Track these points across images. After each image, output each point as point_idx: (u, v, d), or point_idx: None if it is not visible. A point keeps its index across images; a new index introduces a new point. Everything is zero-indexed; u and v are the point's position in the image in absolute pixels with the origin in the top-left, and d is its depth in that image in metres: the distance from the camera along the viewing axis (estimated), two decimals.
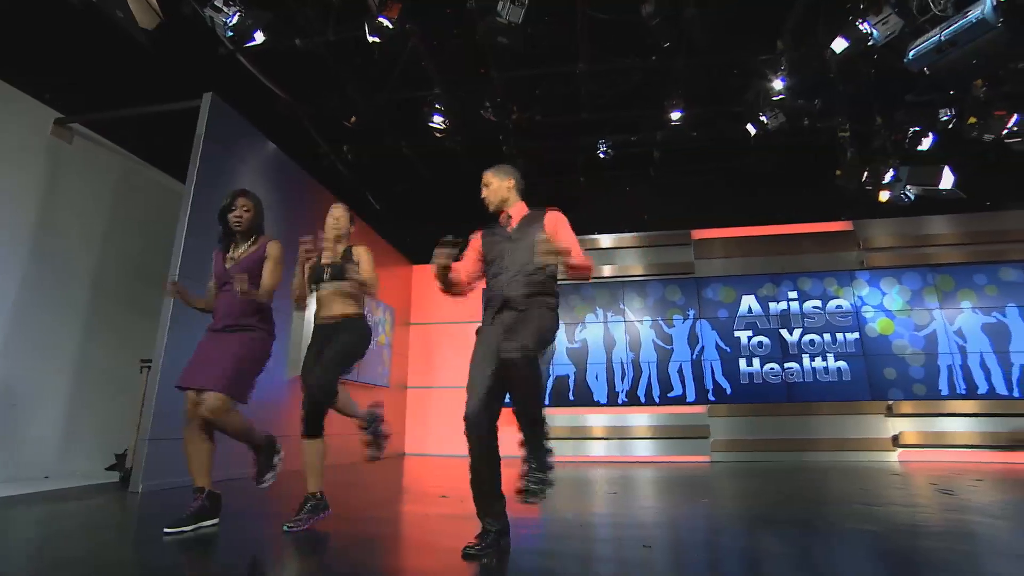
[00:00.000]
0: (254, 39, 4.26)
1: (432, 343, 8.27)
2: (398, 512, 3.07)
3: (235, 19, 4.07)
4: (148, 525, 2.72)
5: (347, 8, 5.06)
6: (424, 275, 8.47)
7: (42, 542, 2.32)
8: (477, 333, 2.27)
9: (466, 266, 2.43)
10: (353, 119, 6.49)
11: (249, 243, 2.69)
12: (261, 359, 2.60)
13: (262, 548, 2.28)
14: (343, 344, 2.59)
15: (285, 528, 2.40)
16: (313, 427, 2.62)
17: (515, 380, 1.97)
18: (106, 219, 5.07)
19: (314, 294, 2.82)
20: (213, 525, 2.44)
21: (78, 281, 4.81)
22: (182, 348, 4.05)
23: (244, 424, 2.50)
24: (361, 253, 2.80)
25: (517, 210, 2.39)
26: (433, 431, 7.96)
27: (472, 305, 8.10)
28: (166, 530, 2.28)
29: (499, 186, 2.41)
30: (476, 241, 2.45)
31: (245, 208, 2.66)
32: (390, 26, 4.75)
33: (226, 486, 3.97)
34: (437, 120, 6.31)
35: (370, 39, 4.76)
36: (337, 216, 2.87)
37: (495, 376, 2.07)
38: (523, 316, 2.10)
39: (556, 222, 2.29)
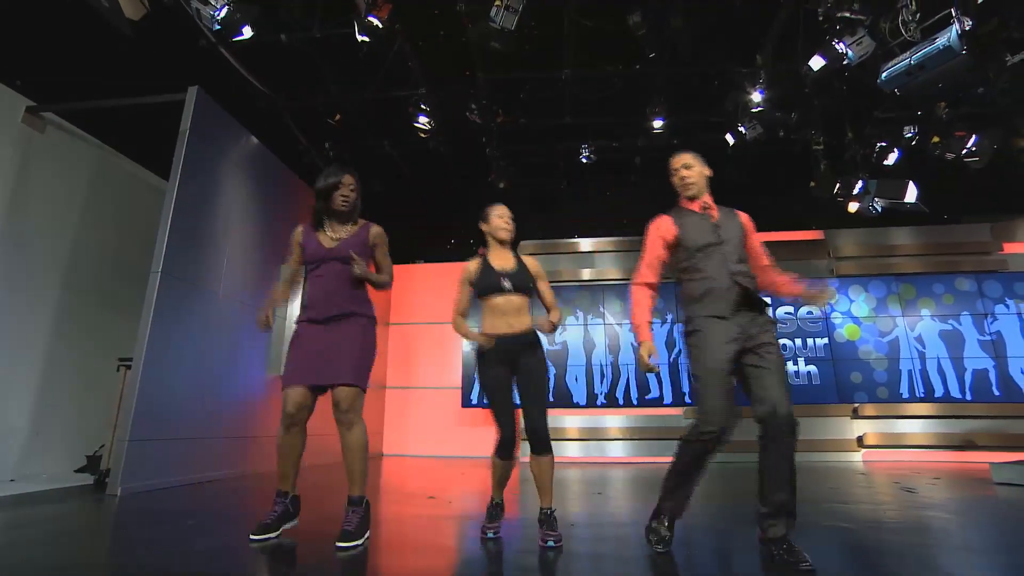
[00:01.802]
0: (242, 34, 4.18)
1: (411, 343, 8.24)
2: (388, 514, 3.08)
3: (223, 12, 3.99)
4: (135, 529, 2.66)
5: (333, 4, 5.03)
6: (404, 275, 8.42)
7: (22, 548, 2.25)
8: (698, 332, 2.09)
9: (661, 257, 2.27)
10: (338, 117, 6.43)
11: (350, 224, 2.47)
12: (375, 350, 2.46)
13: (262, 552, 2.27)
14: (543, 377, 2.43)
15: (490, 535, 2.35)
16: (511, 453, 2.46)
17: (780, 444, 1.91)
18: (79, 212, 4.90)
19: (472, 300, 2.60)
20: (293, 525, 2.39)
21: (49, 275, 4.63)
22: (164, 347, 3.96)
23: (367, 441, 2.34)
24: (535, 266, 2.55)
25: (710, 200, 2.29)
26: (412, 432, 7.94)
27: (451, 306, 8.12)
28: (252, 537, 2.18)
29: (701, 171, 2.29)
30: (668, 228, 2.26)
31: (352, 188, 2.44)
32: (380, 26, 4.74)
33: (207, 488, 3.91)
34: (422, 120, 6.31)
35: (359, 38, 4.74)
36: (508, 217, 2.57)
37: (731, 384, 2.03)
38: (766, 341, 2.03)
39: (750, 223, 2.27)
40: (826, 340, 7.06)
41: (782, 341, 7.13)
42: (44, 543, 2.29)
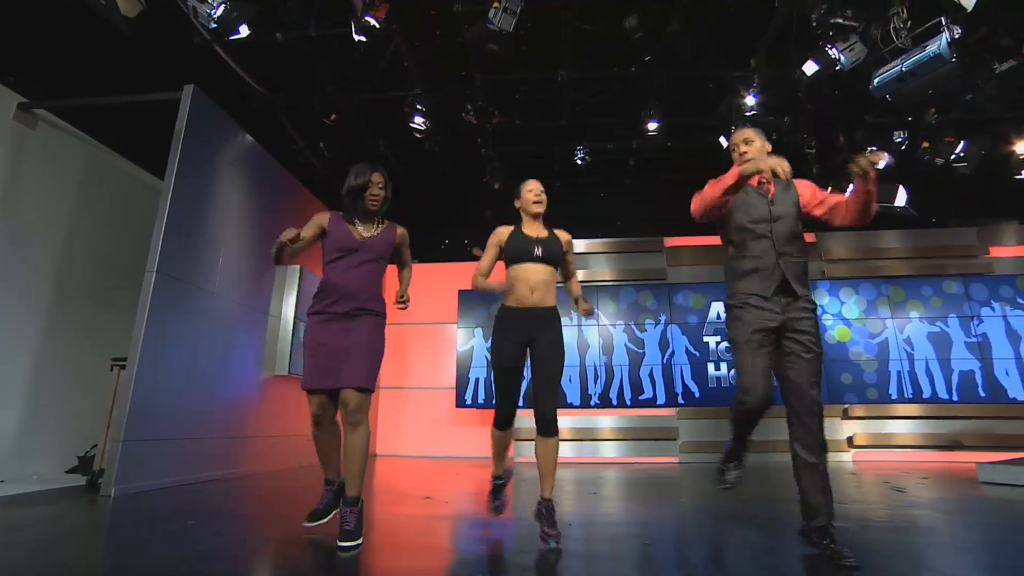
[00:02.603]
0: (238, 32, 4.17)
1: (405, 344, 8.23)
2: (386, 514, 3.08)
3: (220, 11, 3.98)
4: (131, 530, 2.64)
5: (330, 3, 5.02)
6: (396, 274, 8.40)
7: (18, 550, 2.23)
8: (738, 307, 2.16)
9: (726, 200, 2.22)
10: (334, 116, 6.42)
11: (376, 223, 2.46)
12: (384, 344, 2.46)
13: (259, 553, 2.27)
14: (558, 361, 2.41)
15: (494, 508, 2.40)
16: (508, 425, 2.51)
17: (808, 426, 2.03)
18: (72, 210, 4.85)
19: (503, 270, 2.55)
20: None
21: (40, 274, 4.58)
22: (159, 346, 3.94)
23: (368, 442, 2.34)
24: (567, 238, 2.53)
25: (768, 175, 2.23)
26: (405, 432, 7.93)
27: (447, 308, 8.14)
28: (305, 524, 2.23)
29: (762, 146, 2.22)
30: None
31: (381, 185, 2.41)
32: (377, 26, 4.74)
33: (203, 489, 3.89)
34: (418, 121, 6.32)
35: (356, 38, 4.74)
36: (539, 191, 2.58)
37: (770, 358, 2.08)
38: (804, 328, 2.07)
39: (810, 188, 2.23)
40: None
41: None
42: (40, 545, 2.27)
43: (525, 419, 7.57)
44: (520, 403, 2.53)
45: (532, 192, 2.57)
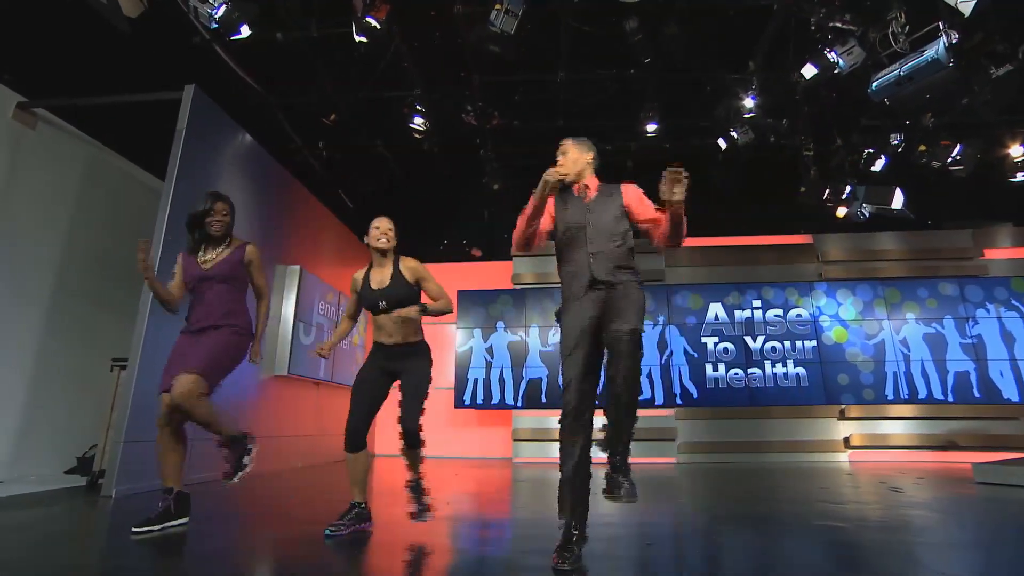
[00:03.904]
0: (240, 32, 4.17)
1: None
2: (386, 514, 3.09)
3: (221, 11, 3.97)
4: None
5: (331, 3, 5.02)
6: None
7: (20, 551, 2.23)
8: (559, 316, 2.22)
9: (544, 222, 2.32)
10: (333, 116, 6.42)
11: (224, 246, 2.68)
12: (236, 356, 2.62)
13: (263, 552, 2.28)
14: (422, 380, 2.53)
15: (327, 532, 2.35)
16: (358, 443, 2.49)
17: (621, 359, 1.94)
18: (71, 210, 4.84)
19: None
20: (181, 525, 2.47)
21: (38, 274, 4.57)
22: (160, 348, 3.93)
23: (212, 412, 2.46)
24: (414, 271, 2.60)
25: (592, 183, 2.33)
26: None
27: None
28: (134, 529, 2.30)
29: (578, 157, 2.33)
30: (551, 206, 2.35)
31: (224, 212, 2.66)
32: (377, 27, 4.75)
33: (203, 489, 3.88)
34: (417, 121, 6.32)
35: (357, 39, 4.75)
36: (385, 229, 2.65)
37: (590, 359, 2.09)
38: (619, 293, 2.06)
39: (635, 194, 2.27)
40: (814, 343, 7.19)
41: (771, 344, 7.24)
42: (42, 545, 2.27)
43: (524, 420, 7.55)
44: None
45: (378, 229, 2.64)
